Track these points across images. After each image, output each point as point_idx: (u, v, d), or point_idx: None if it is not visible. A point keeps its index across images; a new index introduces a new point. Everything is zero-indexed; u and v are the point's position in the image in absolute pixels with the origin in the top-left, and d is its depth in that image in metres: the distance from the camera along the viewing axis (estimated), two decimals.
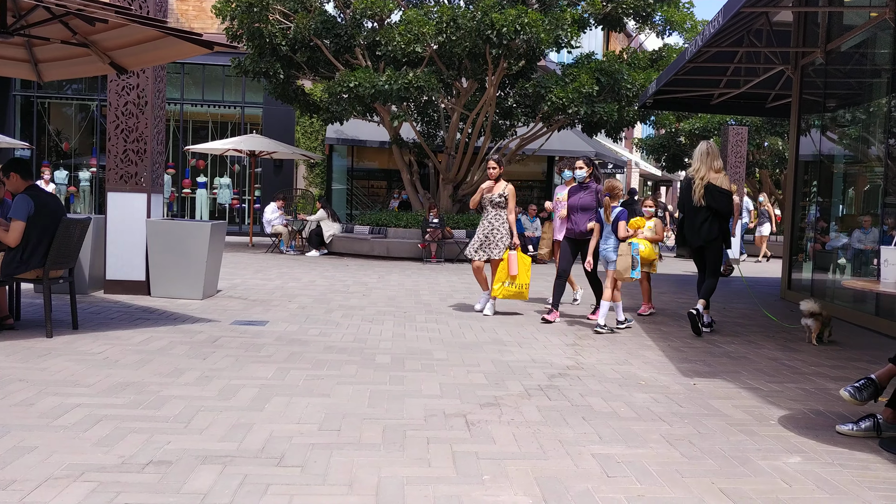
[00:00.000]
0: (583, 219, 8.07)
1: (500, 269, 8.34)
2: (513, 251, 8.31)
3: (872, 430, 4.28)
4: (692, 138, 23.98)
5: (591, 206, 8.03)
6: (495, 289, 8.36)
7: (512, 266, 8.26)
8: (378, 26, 16.00)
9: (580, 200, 8.11)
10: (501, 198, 8.48)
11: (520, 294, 8.41)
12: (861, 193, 9.54)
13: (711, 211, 7.46)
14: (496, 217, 8.49)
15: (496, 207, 8.49)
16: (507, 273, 8.28)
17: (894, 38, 8.30)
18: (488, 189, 8.55)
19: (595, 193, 8.06)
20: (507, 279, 8.30)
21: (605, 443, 4.02)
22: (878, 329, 8.18)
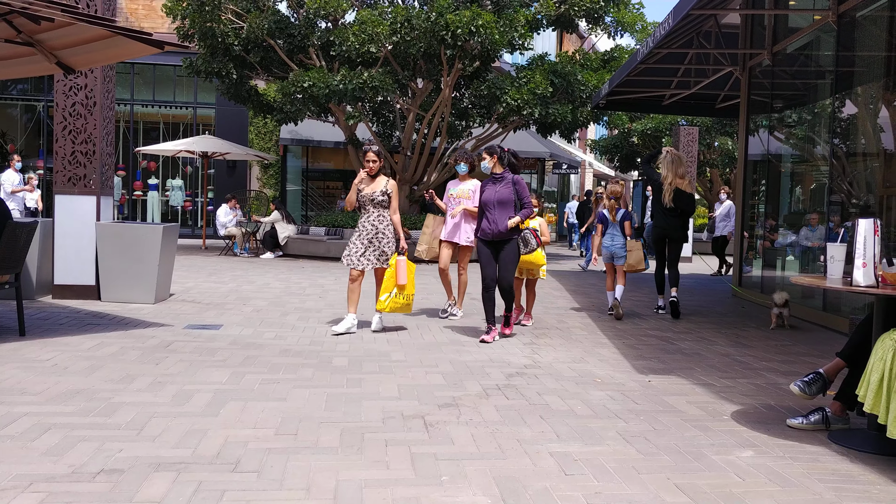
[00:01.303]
0: (502, 216, 6.94)
1: (386, 278, 7.22)
2: (402, 257, 7.28)
3: (821, 423, 4.38)
4: (644, 138, 24.29)
5: (510, 201, 6.98)
6: (381, 301, 7.21)
7: (401, 274, 7.23)
8: (332, 26, 15.92)
9: (496, 194, 7.00)
10: (385, 196, 7.33)
11: (407, 306, 7.42)
12: (808, 192, 9.76)
13: (679, 211, 8.85)
14: (379, 218, 7.32)
15: (378, 207, 7.33)
16: (395, 282, 7.23)
17: (837, 40, 8.51)
18: (367, 186, 7.40)
19: (513, 185, 7.02)
20: (395, 289, 7.27)
21: (562, 441, 4.05)
22: (825, 324, 8.37)
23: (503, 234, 6.93)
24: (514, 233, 6.96)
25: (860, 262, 4.11)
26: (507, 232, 6.92)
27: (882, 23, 7.73)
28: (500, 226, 6.92)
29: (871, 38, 7.98)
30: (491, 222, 6.98)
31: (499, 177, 7.11)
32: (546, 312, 8.96)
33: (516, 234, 7.00)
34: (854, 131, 8.56)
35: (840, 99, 8.62)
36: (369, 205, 7.35)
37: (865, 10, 8.02)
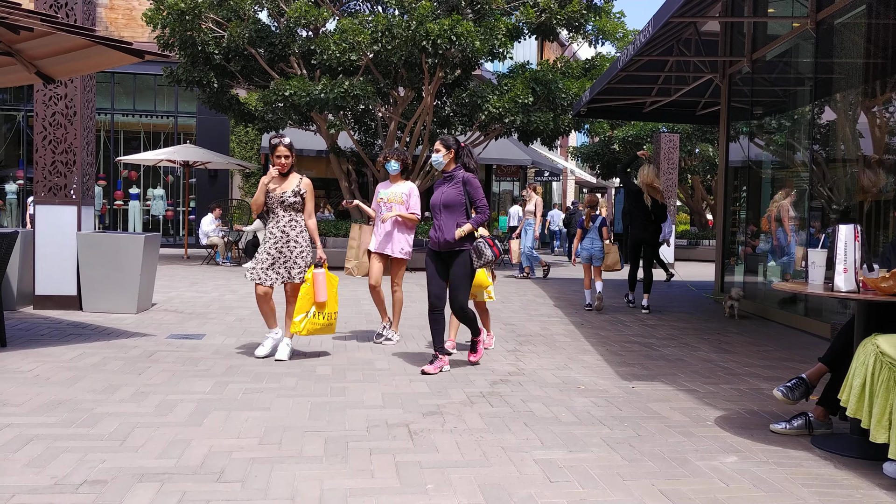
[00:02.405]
0: (448, 222, 5.85)
1: (302, 295, 6.12)
2: (319, 270, 6.21)
3: (804, 428, 4.40)
4: (626, 146, 24.41)
5: (457, 204, 5.89)
6: (296, 323, 6.11)
7: (319, 290, 6.15)
8: (313, 35, 15.91)
9: (442, 196, 5.95)
10: (297, 197, 6.27)
11: (329, 327, 6.31)
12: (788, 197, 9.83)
13: (654, 218, 10.08)
14: (291, 224, 6.26)
15: (289, 210, 6.27)
16: (313, 300, 6.14)
17: (816, 47, 8.60)
18: (277, 185, 6.33)
19: (462, 185, 5.93)
20: (313, 308, 6.16)
21: (547, 448, 4.05)
22: (807, 329, 8.43)
23: (451, 245, 5.84)
24: (464, 243, 5.87)
25: (841, 268, 4.14)
26: (456, 242, 5.83)
27: (860, 30, 7.82)
28: (447, 234, 5.84)
29: (850, 45, 8.08)
30: (437, 230, 5.91)
31: (449, 175, 6.02)
32: (530, 319, 8.98)
33: (467, 245, 5.90)
34: (833, 137, 8.65)
35: (819, 105, 8.71)
36: (279, 207, 6.28)
37: (843, 18, 8.11)
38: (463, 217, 5.91)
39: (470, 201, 5.97)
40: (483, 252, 5.90)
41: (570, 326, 8.51)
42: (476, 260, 5.89)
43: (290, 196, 6.26)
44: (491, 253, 5.92)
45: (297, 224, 6.30)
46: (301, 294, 6.16)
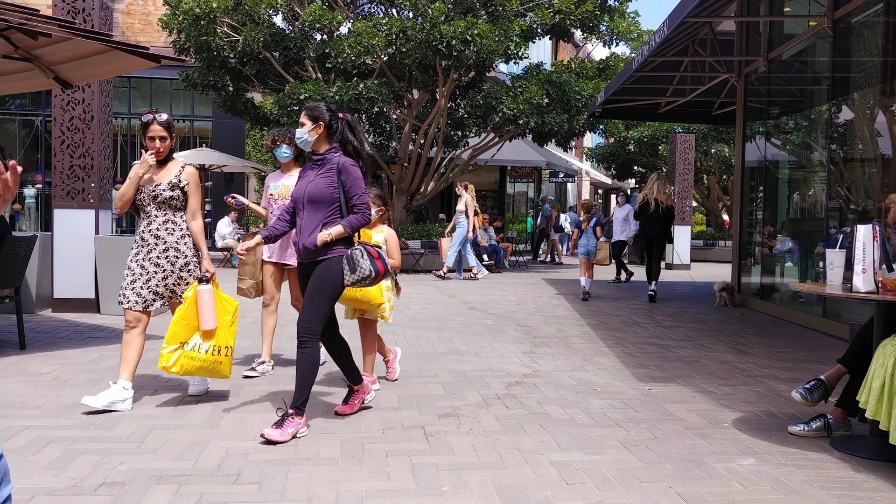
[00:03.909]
0: (311, 223, 4.38)
1: (177, 318, 4.66)
2: (205, 286, 4.72)
3: (823, 429, 4.37)
4: (641, 146, 24.36)
5: (326, 199, 4.38)
6: (164, 355, 4.61)
7: (204, 314, 4.68)
8: (327, 38, 15.97)
9: (307, 187, 4.44)
10: (175, 190, 4.84)
11: (218, 367, 4.70)
12: (806, 198, 9.77)
13: (662, 218, 11.33)
14: (168, 227, 4.86)
15: (165, 208, 4.86)
16: (194, 326, 4.69)
17: (833, 46, 8.54)
18: (153, 175, 4.87)
19: (337, 174, 4.39)
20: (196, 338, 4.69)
21: (563, 450, 4.04)
22: (825, 331, 8.37)
23: (313, 254, 4.38)
24: (333, 249, 4.37)
25: (860, 268, 4.11)
26: (320, 250, 4.36)
27: (877, 28, 7.76)
28: (307, 239, 4.37)
29: (867, 43, 8.01)
30: (297, 232, 4.45)
31: (319, 159, 4.47)
32: (545, 321, 8.96)
33: (337, 250, 4.37)
34: (851, 137, 8.58)
35: (836, 104, 8.65)
36: (151, 205, 4.85)
37: (861, 16, 8.05)
38: (335, 217, 4.40)
39: (344, 196, 4.42)
40: (358, 265, 4.33)
41: (586, 328, 8.48)
42: (348, 273, 4.33)
43: (165, 189, 4.82)
44: (371, 268, 4.35)
45: (175, 227, 4.87)
46: (176, 318, 4.65)
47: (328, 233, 4.30)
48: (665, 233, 11.49)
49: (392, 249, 5.32)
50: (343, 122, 4.55)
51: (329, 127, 4.47)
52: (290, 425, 4.17)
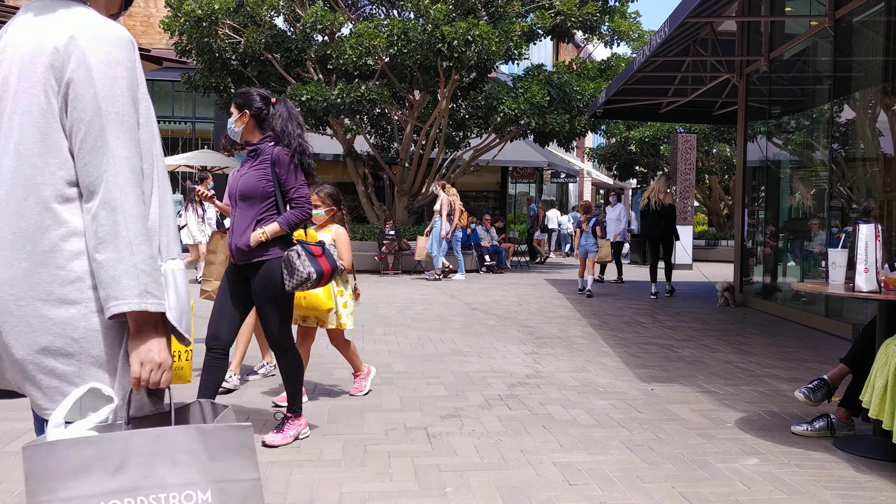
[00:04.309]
0: (243, 220, 4.03)
1: None
2: None
3: (826, 429, 4.36)
4: (642, 146, 24.35)
5: (260, 194, 4.01)
6: None
7: None
8: (329, 40, 15.97)
9: (240, 182, 4.10)
10: None
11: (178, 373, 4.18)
12: (808, 197, 9.76)
13: (662, 217, 11.67)
14: None
15: None
16: None
17: (834, 45, 8.53)
18: None
19: (271, 166, 4.00)
20: None
21: (565, 451, 4.04)
22: (828, 330, 8.36)
23: (246, 255, 4.00)
24: (268, 250, 3.97)
25: (862, 268, 4.10)
26: (255, 250, 3.97)
27: (879, 28, 7.75)
28: (240, 238, 4.01)
29: (869, 42, 8.01)
30: (230, 231, 4.12)
31: (252, 150, 4.08)
32: (547, 322, 8.96)
33: (272, 252, 3.98)
34: (853, 136, 8.58)
35: (838, 104, 8.64)
36: None
37: (862, 16, 8.04)
38: (271, 213, 4.01)
39: (280, 190, 4.02)
40: (296, 268, 3.89)
41: (588, 328, 8.48)
42: (287, 278, 3.92)
43: None
44: (312, 269, 3.90)
45: None
46: None
47: (262, 231, 3.92)
48: (668, 231, 11.73)
49: (342, 250, 4.88)
50: (280, 106, 4.09)
51: (257, 115, 4.04)
52: (291, 427, 4.12)
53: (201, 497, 1.60)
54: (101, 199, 1.64)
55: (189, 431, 1.63)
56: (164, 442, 1.60)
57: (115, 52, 1.70)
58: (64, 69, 1.67)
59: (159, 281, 1.69)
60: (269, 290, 3.97)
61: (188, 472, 1.60)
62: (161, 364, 1.68)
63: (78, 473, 1.52)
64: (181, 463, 1.60)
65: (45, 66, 1.67)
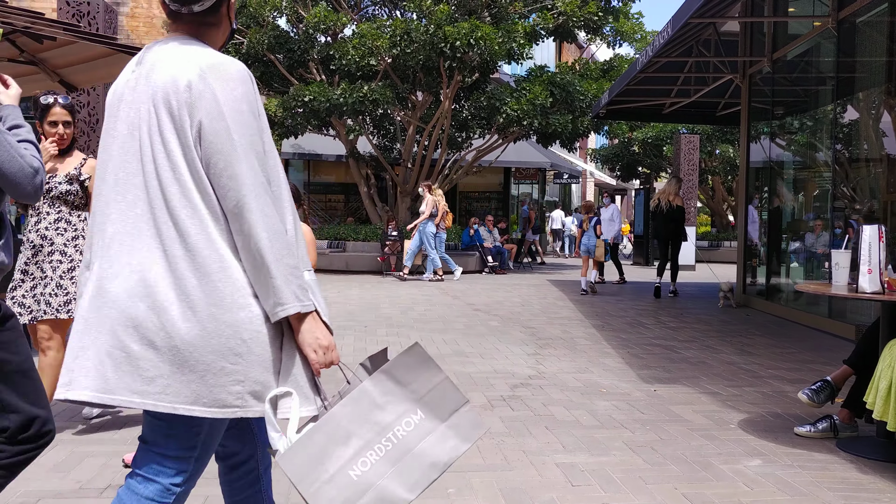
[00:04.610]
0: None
1: None
2: None
3: (829, 430, 4.36)
4: (645, 147, 24.32)
5: None
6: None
7: None
8: (332, 40, 15.99)
9: None
10: (74, 184, 4.19)
11: None
12: (811, 198, 9.75)
13: (670, 218, 11.82)
14: (59, 226, 4.19)
15: (59, 204, 4.19)
16: None
17: (837, 46, 8.52)
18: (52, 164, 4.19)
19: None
20: None
21: (568, 452, 4.04)
22: (831, 331, 8.35)
23: None
24: None
25: (866, 269, 4.10)
26: None
27: (882, 28, 7.74)
28: None
29: (872, 43, 8.00)
30: None
31: None
32: (550, 323, 8.96)
33: None
34: (856, 137, 8.57)
35: (841, 105, 8.63)
36: (43, 200, 4.18)
37: (865, 16, 8.03)
38: None
39: None
40: None
41: (591, 329, 8.47)
42: None
43: (61, 182, 4.17)
44: None
45: (68, 227, 4.19)
46: None
47: None
48: (676, 232, 11.91)
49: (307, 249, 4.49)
50: None
51: None
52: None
53: (415, 418, 1.93)
54: (247, 221, 1.82)
55: (374, 380, 1.93)
56: (363, 400, 1.89)
57: (240, 88, 1.87)
58: (196, 106, 1.83)
59: (305, 286, 1.90)
60: None
61: (395, 407, 1.91)
62: (328, 346, 1.92)
63: (322, 458, 1.81)
64: (385, 404, 1.91)
65: (178, 103, 1.84)
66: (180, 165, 1.84)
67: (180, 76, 1.85)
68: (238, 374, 1.85)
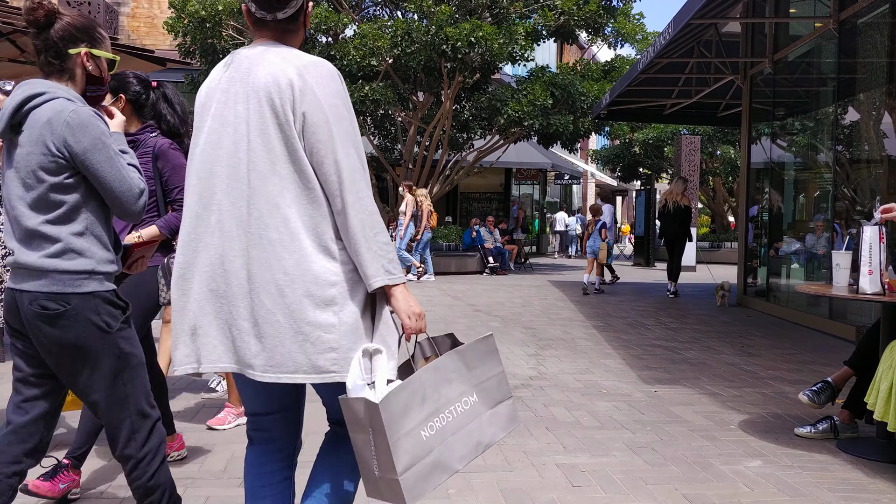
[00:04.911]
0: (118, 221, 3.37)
1: None
2: None
3: (830, 431, 4.36)
4: (646, 148, 24.32)
5: None
6: None
7: None
8: (333, 41, 15.99)
9: None
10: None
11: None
12: (812, 199, 9.75)
13: (680, 219, 12.05)
14: None
15: None
16: None
17: (838, 47, 8.52)
18: None
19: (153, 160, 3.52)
20: None
21: (569, 452, 4.03)
22: (832, 332, 8.34)
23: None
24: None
25: (866, 270, 4.09)
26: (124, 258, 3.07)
27: (884, 29, 7.74)
28: None
29: (873, 44, 7.99)
30: None
31: (131, 141, 3.55)
32: (551, 323, 8.95)
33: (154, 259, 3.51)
34: (857, 138, 8.56)
35: (842, 106, 8.63)
36: None
37: (867, 17, 8.03)
38: (150, 214, 3.53)
39: (163, 189, 3.55)
40: None
41: (592, 330, 8.47)
42: (164, 290, 3.51)
43: None
44: None
45: None
46: None
47: (138, 235, 3.37)
48: (681, 232, 12.12)
49: None
50: (158, 92, 3.73)
51: (135, 101, 3.62)
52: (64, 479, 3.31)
53: (472, 399, 2.17)
54: (347, 202, 2.05)
55: (452, 356, 2.16)
56: (440, 371, 2.12)
57: (333, 84, 2.10)
58: (298, 101, 2.05)
59: (395, 261, 2.12)
60: (139, 301, 3.44)
61: (459, 385, 2.15)
62: (420, 313, 2.13)
63: (406, 412, 2.00)
64: (453, 381, 2.14)
65: (282, 100, 2.06)
66: (281, 156, 2.06)
67: (281, 75, 2.06)
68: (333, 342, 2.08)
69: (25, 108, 2.34)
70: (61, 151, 2.30)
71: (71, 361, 2.35)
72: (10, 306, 2.41)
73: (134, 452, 2.46)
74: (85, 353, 2.34)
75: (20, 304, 2.34)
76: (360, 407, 2.01)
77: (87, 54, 2.44)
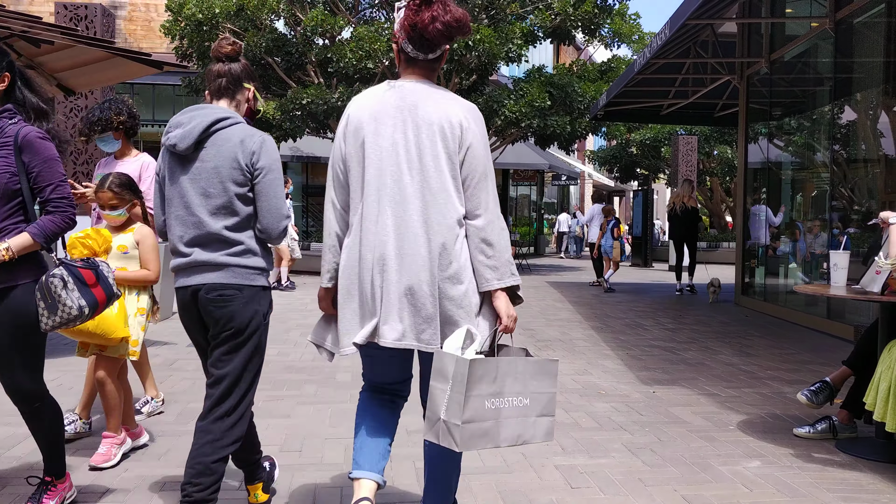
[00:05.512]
0: None
1: None
2: None
3: (828, 431, 4.36)
4: (643, 148, 24.33)
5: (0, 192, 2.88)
6: None
7: None
8: (329, 43, 15.98)
9: None
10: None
11: None
12: (809, 199, 9.76)
13: (690, 219, 12.64)
14: None
15: None
16: None
17: (835, 47, 8.53)
18: None
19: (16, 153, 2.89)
20: None
21: (567, 454, 4.03)
22: (829, 332, 8.35)
23: None
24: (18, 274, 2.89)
25: (874, 269, 4.08)
26: None
27: (880, 29, 7.76)
28: None
29: (869, 44, 8.01)
30: None
31: None
32: (549, 324, 8.96)
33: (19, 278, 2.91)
34: (854, 137, 8.58)
35: (839, 105, 8.64)
36: None
37: (863, 17, 8.05)
38: (16, 220, 2.94)
39: (30, 183, 2.93)
40: (60, 300, 2.85)
41: (590, 331, 8.48)
42: (46, 314, 2.87)
43: None
44: (79, 302, 2.89)
45: None
46: None
47: (5, 247, 2.79)
48: (691, 232, 12.70)
49: (148, 257, 3.95)
50: (16, 72, 3.07)
51: None
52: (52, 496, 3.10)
53: (524, 401, 2.56)
54: (485, 219, 2.57)
55: (526, 361, 2.58)
56: (513, 365, 2.54)
57: (483, 125, 2.63)
58: (465, 137, 2.57)
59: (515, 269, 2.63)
60: (16, 330, 2.88)
61: (519, 385, 2.55)
62: (515, 317, 2.62)
63: (482, 379, 2.44)
64: (518, 379, 2.55)
65: (453, 135, 2.56)
66: (449, 178, 2.55)
67: (453, 115, 2.56)
68: None
69: (214, 128, 2.77)
70: (248, 167, 2.76)
71: (231, 335, 2.76)
72: (186, 304, 2.83)
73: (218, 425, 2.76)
74: (240, 332, 2.77)
75: (198, 294, 2.77)
76: (451, 361, 2.43)
77: (253, 92, 3.00)
